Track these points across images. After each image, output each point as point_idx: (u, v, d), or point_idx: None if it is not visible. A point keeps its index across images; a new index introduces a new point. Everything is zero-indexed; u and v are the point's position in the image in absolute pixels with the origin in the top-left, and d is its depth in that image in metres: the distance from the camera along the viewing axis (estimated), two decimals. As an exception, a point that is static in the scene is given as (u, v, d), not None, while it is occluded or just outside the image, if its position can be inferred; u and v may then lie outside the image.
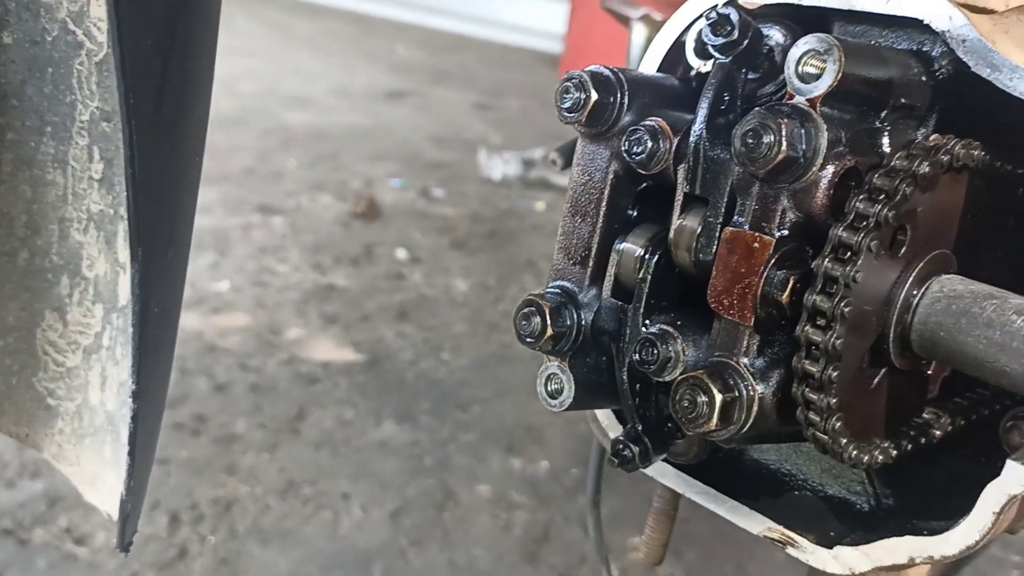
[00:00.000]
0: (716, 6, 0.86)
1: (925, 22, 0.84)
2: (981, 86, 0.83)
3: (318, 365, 3.70)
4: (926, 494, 0.99)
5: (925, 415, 0.95)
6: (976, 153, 0.83)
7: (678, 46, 1.04)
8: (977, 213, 0.92)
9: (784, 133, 0.77)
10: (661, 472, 1.07)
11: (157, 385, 0.99)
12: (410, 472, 3.10)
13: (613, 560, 2.98)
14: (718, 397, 0.81)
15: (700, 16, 1.01)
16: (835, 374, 0.78)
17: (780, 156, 0.77)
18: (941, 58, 0.86)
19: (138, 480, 0.96)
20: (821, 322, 0.78)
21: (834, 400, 0.79)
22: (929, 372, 0.93)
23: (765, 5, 0.94)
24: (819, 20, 0.94)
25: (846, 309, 0.76)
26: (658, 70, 1.05)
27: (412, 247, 5.01)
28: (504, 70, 10.49)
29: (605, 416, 1.12)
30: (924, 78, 0.86)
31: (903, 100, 0.85)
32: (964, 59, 0.82)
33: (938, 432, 0.95)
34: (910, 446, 0.92)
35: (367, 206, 5.47)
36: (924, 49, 0.87)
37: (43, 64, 0.91)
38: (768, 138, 0.77)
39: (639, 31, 2.05)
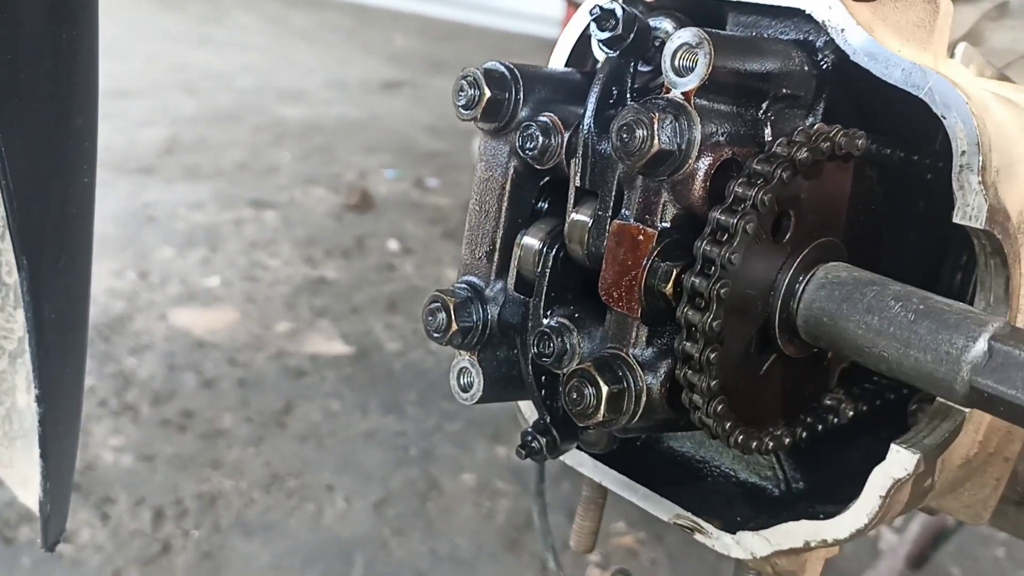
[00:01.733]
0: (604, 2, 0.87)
1: (807, 12, 0.85)
2: (865, 75, 0.84)
3: (306, 358, 3.72)
4: (836, 478, 1.00)
5: (825, 402, 0.96)
6: (860, 142, 0.83)
7: (585, 39, 1.05)
8: (874, 201, 0.92)
9: (656, 127, 0.78)
10: (579, 462, 1.08)
11: (67, 388, 1.01)
12: (395, 463, 3.13)
13: (597, 545, 3.01)
14: (604, 389, 0.82)
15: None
16: (714, 355, 0.79)
17: (653, 150, 0.78)
18: (825, 48, 0.87)
19: (57, 481, 0.98)
20: (700, 303, 0.79)
21: (715, 383, 0.80)
22: (828, 358, 0.94)
23: (660, -3, 0.95)
24: (714, 12, 0.94)
25: (722, 291, 0.77)
26: (567, 63, 1.06)
27: (404, 238, 5.03)
28: (501, 56, 10.45)
29: (527, 407, 1.13)
30: (807, 68, 0.86)
31: (785, 90, 0.85)
32: (844, 48, 0.83)
33: (838, 419, 0.96)
34: (805, 433, 0.93)
35: (360, 198, 5.48)
36: (809, 39, 0.88)
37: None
38: (641, 132, 0.78)
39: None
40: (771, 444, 0.87)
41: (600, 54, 1.01)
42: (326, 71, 8.75)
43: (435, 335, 0.97)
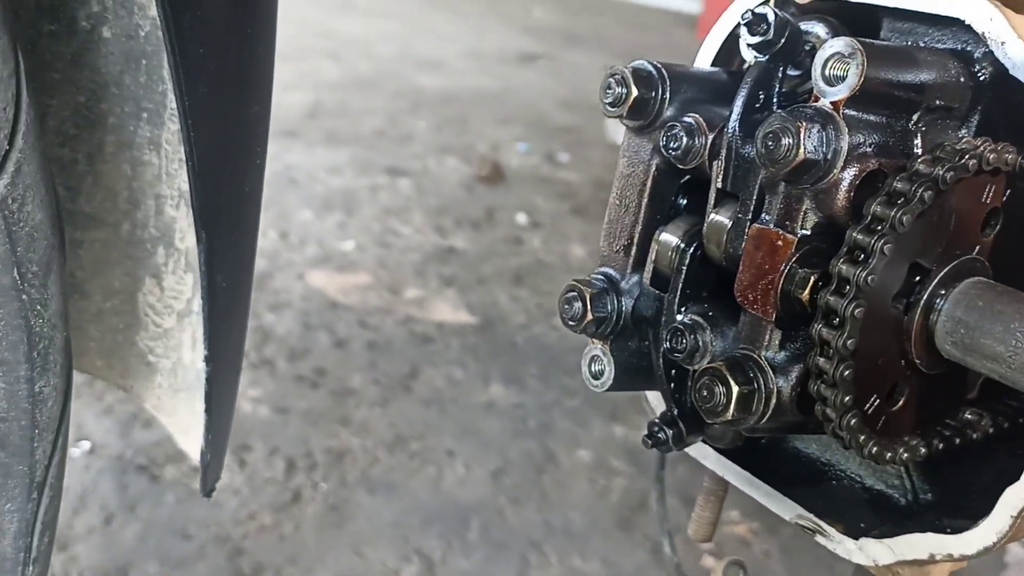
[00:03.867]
0: (756, 5, 0.88)
1: (967, 22, 0.84)
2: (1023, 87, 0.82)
3: (433, 325, 3.83)
4: (966, 493, 0.99)
5: (966, 415, 0.95)
6: (1009, 157, 0.82)
7: (733, 38, 1.05)
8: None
9: (803, 136, 0.79)
10: (703, 454, 1.10)
11: (231, 350, 1.10)
12: (513, 433, 3.20)
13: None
14: (735, 389, 0.84)
15: (755, 7, 1.02)
16: (847, 372, 0.80)
17: (799, 159, 0.79)
18: (983, 59, 0.85)
19: (216, 434, 1.08)
20: (834, 321, 0.80)
21: (847, 398, 0.81)
22: (966, 371, 0.93)
23: (813, 1, 0.95)
24: (869, 17, 0.93)
25: (857, 311, 0.78)
26: (713, 62, 1.07)
27: (533, 212, 5.08)
28: (639, 32, 10.35)
29: (654, 397, 1.16)
30: (964, 79, 0.85)
31: (939, 102, 0.84)
32: (1003, 61, 0.82)
33: (977, 433, 0.95)
34: (942, 445, 0.92)
35: (491, 170, 5.56)
36: (967, 49, 0.86)
37: (138, 56, 1.01)
38: (787, 140, 0.79)
39: None
40: (905, 455, 0.87)
41: (748, 55, 1.02)
42: (464, 41, 8.85)
43: (570, 323, 1.01)
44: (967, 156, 0.80)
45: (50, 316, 0.80)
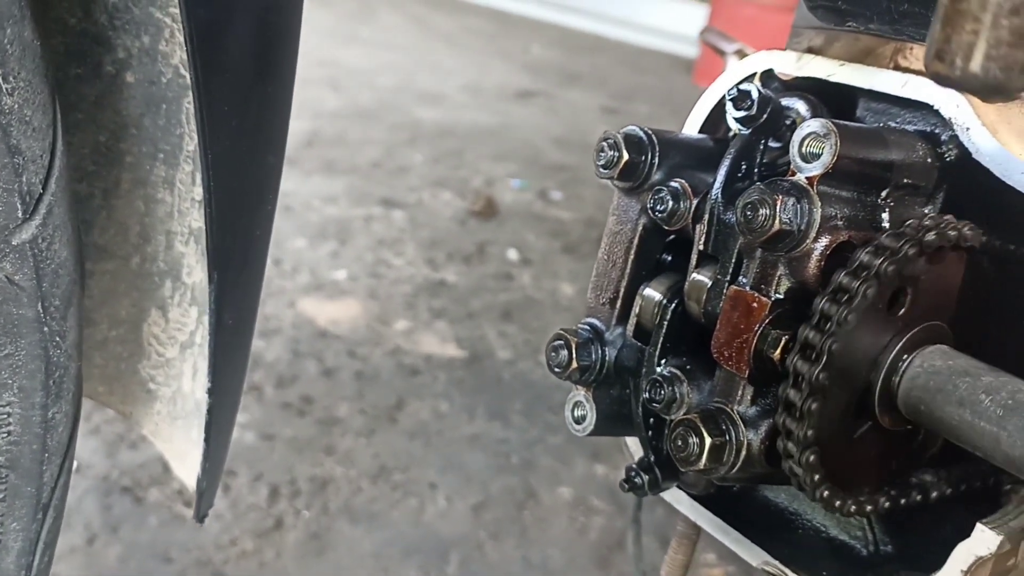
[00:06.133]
0: (739, 82, 0.95)
1: (935, 108, 0.90)
2: (986, 171, 0.89)
3: (421, 357, 3.87)
4: (925, 546, 1.04)
5: (919, 476, 1.00)
6: (970, 233, 0.88)
7: (721, 106, 1.12)
8: (987, 289, 0.96)
9: (779, 208, 0.85)
10: (677, 500, 1.15)
11: (232, 383, 1.14)
12: (496, 468, 3.24)
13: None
14: (707, 440, 0.89)
15: (740, 82, 1.09)
16: (811, 433, 0.85)
17: (774, 228, 0.85)
18: (949, 142, 0.92)
19: (213, 462, 1.12)
20: (801, 384, 0.85)
21: (811, 432, 0.86)
22: (924, 433, 0.99)
23: (796, 78, 1.02)
24: (846, 96, 1.00)
25: (822, 375, 0.84)
26: (701, 128, 1.13)
27: (524, 248, 5.14)
28: (637, 73, 10.50)
29: (633, 443, 1.21)
30: (930, 160, 0.92)
31: (906, 180, 0.91)
32: (966, 145, 0.88)
33: (934, 491, 1.00)
34: (891, 504, 0.97)
35: (485, 205, 5.63)
36: (935, 132, 0.93)
37: (158, 101, 1.07)
38: (764, 211, 0.85)
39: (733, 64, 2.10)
40: (853, 508, 0.92)
41: (735, 124, 1.08)
42: (464, 75, 8.97)
43: (556, 370, 1.06)
44: (929, 232, 0.86)
45: (67, 347, 0.85)
